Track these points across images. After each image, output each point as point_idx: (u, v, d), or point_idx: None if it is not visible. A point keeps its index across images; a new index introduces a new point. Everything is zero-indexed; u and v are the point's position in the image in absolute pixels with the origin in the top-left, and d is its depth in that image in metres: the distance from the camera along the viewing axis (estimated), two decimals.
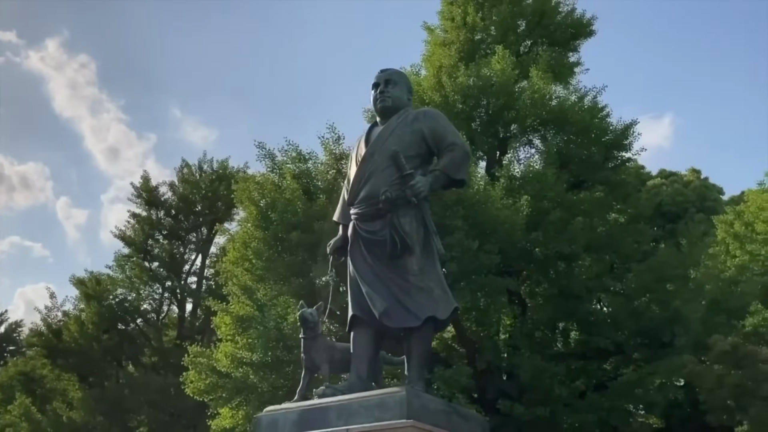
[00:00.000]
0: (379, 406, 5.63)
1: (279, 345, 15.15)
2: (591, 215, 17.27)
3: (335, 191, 16.73)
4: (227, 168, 34.06)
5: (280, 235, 15.96)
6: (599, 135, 19.33)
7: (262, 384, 15.32)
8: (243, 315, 15.61)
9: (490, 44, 21.97)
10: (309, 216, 15.58)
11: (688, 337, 16.36)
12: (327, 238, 15.20)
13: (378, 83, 6.75)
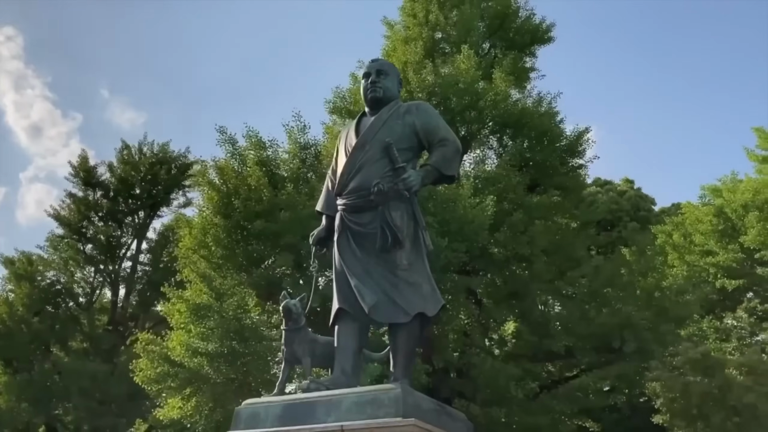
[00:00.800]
0: (371, 403, 5.44)
1: (236, 336, 14.79)
2: (547, 219, 17.60)
3: (300, 181, 16.50)
4: (167, 152, 33.23)
5: (242, 223, 15.57)
6: (554, 140, 19.72)
7: (216, 375, 14.95)
8: (200, 303, 15.15)
9: (452, 43, 22.17)
10: (274, 205, 15.26)
11: (636, 343, 16.84)
12: (292, 228, 15.16)
13: (369, 73, 6.64)
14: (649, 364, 16.41)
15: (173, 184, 32.80)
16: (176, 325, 16.00)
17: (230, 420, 15.30)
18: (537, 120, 19.25)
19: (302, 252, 15.33)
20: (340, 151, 6.64)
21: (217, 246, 15.66)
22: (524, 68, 22.26)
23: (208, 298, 15.20)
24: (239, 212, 15.57)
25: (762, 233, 21.60)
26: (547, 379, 18.04)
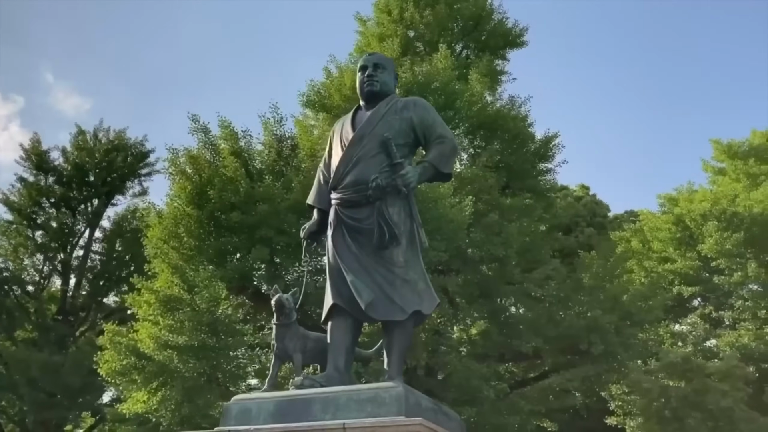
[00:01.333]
0: (372, 401, 5.35)
1: (207, 329, 14.46)
2: (519, 221, 17.75)
3: (276, 173, 16.23)
4: (124, 139, 32.39)
5: (216, 215, 15.23)
6: (524, 143, 19.95)
7: (186, 369, 14.58)
8: (171, 295, 14.74)
9: (426, 42, 22.19)
10: (250, 197, 14.97)
11: (603, 346, 17.13)
12: (268, 222, 14.90)
13: (366, 66, 6.58)
14: (614, 366, 16.75)
15: (129, 172, 32.03)
16: (143, 317, 15.55)
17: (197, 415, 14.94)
18: (510, 123, 19.44)
19: (279, 246, 15.14)
20: (334, 145, 6.54)
21: (190, 237, 15.28)
22: (496, 71, 22.46)
23: (179, 290, 14.80)
24: (214, 203, 15.22)
25: (719, 242, 22.28)
26: (510, 380, 18.19)
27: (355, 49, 23.03)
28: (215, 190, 15.18)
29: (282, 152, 16.63)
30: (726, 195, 23.21)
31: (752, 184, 23.97)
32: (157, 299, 14.96)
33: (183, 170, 15.98)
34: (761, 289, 22.02)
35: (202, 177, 15.73)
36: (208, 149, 16.79)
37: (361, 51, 22.27)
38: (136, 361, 14.89)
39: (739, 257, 22.33)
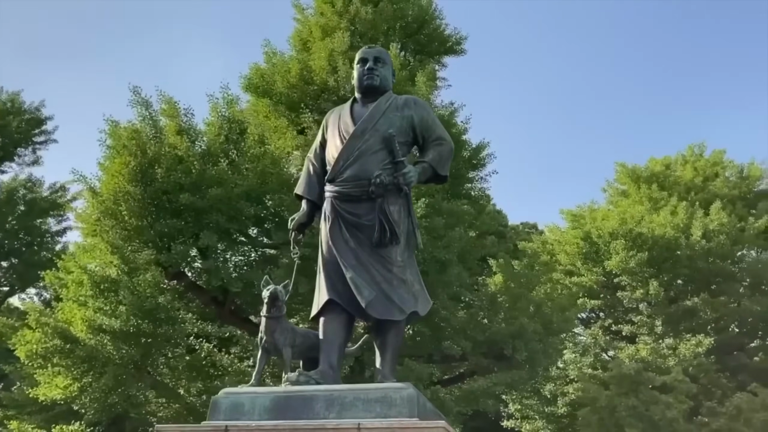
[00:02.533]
0: (381, 402, 5.27)
1: (145, 315, 13.67)
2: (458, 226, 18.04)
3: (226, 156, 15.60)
4: (18, 103, 30.15)
5: (163, 195, 14.44)
6: (459, 150, 20.32)
7: (119, 355, 13.73)
8: (107, 276, 13.81)
9: (368, 40, 22.06)
10: (203, 179, 14.31)
11: (527, 353, 17.75)
12: (220, 207, 14.31)
13: (366, 59, 6.53)
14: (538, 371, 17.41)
15: (22, 138, 29.80)
16: (68, 297, 14.49)
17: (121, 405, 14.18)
18: (450, 129, 19.73)
19: (231, 230, 14.61)
20: (329, 136, 6.44)
21: (131, 216, 14.40)
22: (435, 76, 22.68)
23: (117, 271, 13.90)
24: (162, 182, 14.42)
25: (624, 260, 23.67)
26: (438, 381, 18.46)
27: (293, 36, 22.58)
28: (163, 169, 14.38)
29: (229, 136, 16.01)
30: (633, 216, 24.69)
31: (653, 207, 25.63)
32: (90, 279, 13.98)
33: (125, 145, 15.00)
34: (659, 307, 23.60)
35: (146, 154, 14.85)
36: (147, 124, 15.89)
37: (302, 40, 21.88)
38: (62, 344, 13.85)
39: (641, 276, 23.82)
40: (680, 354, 21.18)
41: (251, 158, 15.44)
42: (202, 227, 14.40)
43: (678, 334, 22.40)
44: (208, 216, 14.29)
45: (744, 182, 27.36)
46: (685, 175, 27.57)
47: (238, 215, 14.24)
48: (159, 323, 13.83)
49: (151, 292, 13.40)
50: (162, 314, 13.63)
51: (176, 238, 14.61)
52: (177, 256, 14.14)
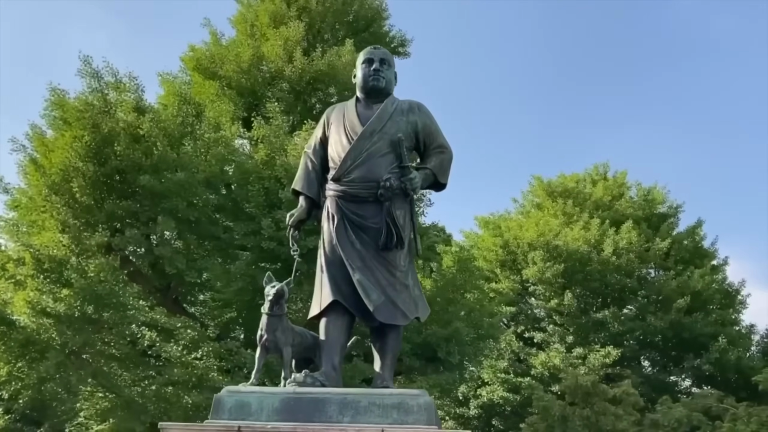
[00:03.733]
0: (398, 408, 5.26)
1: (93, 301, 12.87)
2: None
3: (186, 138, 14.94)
4: None
5: (119, 177, 13.63)
6: None
7: (61, 340, 12.83)
8: (56, 256, 12.85)
9: (317, 31, 21.77)
10: (166, 161, 13.62)
11: (460, 356, 18.13)
12: (180, 191, 13.70)
13: (372, 60, 6.49)
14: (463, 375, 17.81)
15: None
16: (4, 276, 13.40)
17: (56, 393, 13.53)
18: None
19: (191, 218, 14.01)
20: (332, 133, 6.39)
21: (82, 195, 13.49)
22: None
23: (67, 251, 12.97)
24: (118, 161, 13.60)
25: (542, 270, 24.66)
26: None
27: (237, 19, 21.89)
28: (122, 147, 13.56)
29: (186, 119, 15.32)
30: (551, 229, 25.76)
31: (567, 222, 26.84)
32: (32, 257, 12.97)
33: (78, 117, 14.01)
34: (571, 317, 24.77)
35: (100, 129, 13.94)
36: (96, 98, 14.94)
37: (247, 22, 21.22)
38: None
39: (555, 286, 24.92)
40: (589, 363, 22.35)
41: (208, 143, 14.88)
42: (159, 212, 13.72)
43: (587, 345, 23.60)
44: (167, 201, 13.62)
45: (648, 204, 29.16)
46: (595, 193, 29.05)
47: (197, 202, 13.67)
48: (107, 309, 13.04)
49: (105, 276, 12.60)
50: (113, 300, 12.85)
51: (129, 221, 13.83)
52: (131, 240, 13.38)
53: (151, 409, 13.95)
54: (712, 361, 23.31)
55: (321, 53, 18.55)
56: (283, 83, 18.42)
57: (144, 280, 15.00)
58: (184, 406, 14.06)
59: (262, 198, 13.94)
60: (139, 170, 13.67)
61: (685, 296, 24.01)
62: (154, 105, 15.50)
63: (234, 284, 13.67)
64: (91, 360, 13.81)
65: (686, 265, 26.65)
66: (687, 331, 23.80)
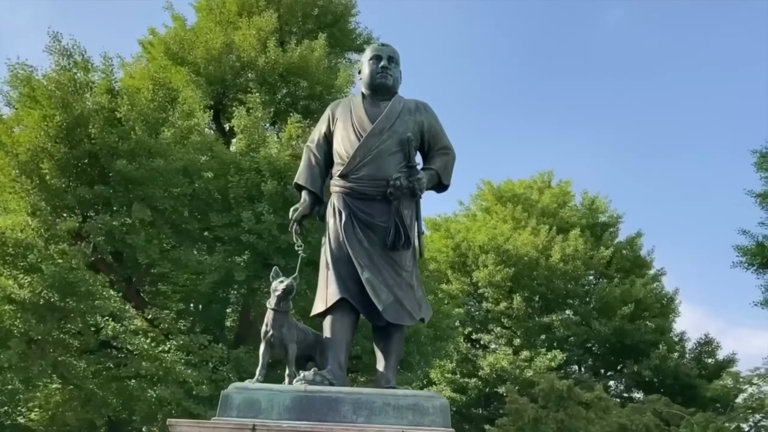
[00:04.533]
0: (413, 409, 5.28)
1: (61, 289, 12.30)
2: None
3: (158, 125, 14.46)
4: None
5: (92, 160, 13.06)
6: None
7: (24, 328, 12.21)
8: (22, 240, 12.18)
9: (282, 24, 21.46)
10: (143, 147, 13.13)
11: (420, 356, 18.23)
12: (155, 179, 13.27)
13: (380, 56, 6.47)
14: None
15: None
16: None
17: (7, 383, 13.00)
18: None
19: (166, 208, 13.57)
20: (338, 128, 6.36)
21: (52, 178, 12.86)
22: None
23: (35, 236, 12.34)
24: (92, 144, 13.03)
25: (492, 274, 25.06)
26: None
27: (201, 4, 21.36)
28: (96, 130, 13.00)
29: (162, 103, 14.83)
30: (502, 233, 26.23)
31: (516, 226, 27.38)
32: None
33: (50, 96, 13.36)
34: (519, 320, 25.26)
35: (72, 110, 13.32)
36: (67, 76, 14.28)
37: (212, 9, 20.77)
38: None
39: (504, 289, 25.37)
40: (535, 366, 22.87)
41: (182, 130, 14.46)
42: (133, 199, 13.23)
43: (533, 348, 24.14)
44: (142, 188, 13.15)
45: (591, 213, 30.06)
46: (542, 200, 29.73)
47: (175, 191, 13.25)
48: (75, 298, 12.49)
49: (77, 263, 12.06)
50: (81, 288, 12.31)
51: (98, 207, 13.29)
52: (102, 226, 12.85)
53: (113, 402, 13.48)
54: (651, 367, 24.21)
55: (295, 45, 18.31)
56: (250, 73, 18.12)
57: (107, 268, 14.45)
58: (149, 399, 13.65)
59: (242, 190, 13.64)
60: (113, 155, 13.14)
61: (629, 304, 24.86)
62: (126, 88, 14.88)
63: (209, 276, 13.32)
64: (53, 350, 13.19)
65: (626, 273, 27.62)
66: (629, 338, 24.65)
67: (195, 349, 13.73)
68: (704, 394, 23.94)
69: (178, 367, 13.31)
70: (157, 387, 13.38)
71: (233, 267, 13.34)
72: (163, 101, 14.74)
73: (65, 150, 13.05)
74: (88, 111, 13.33)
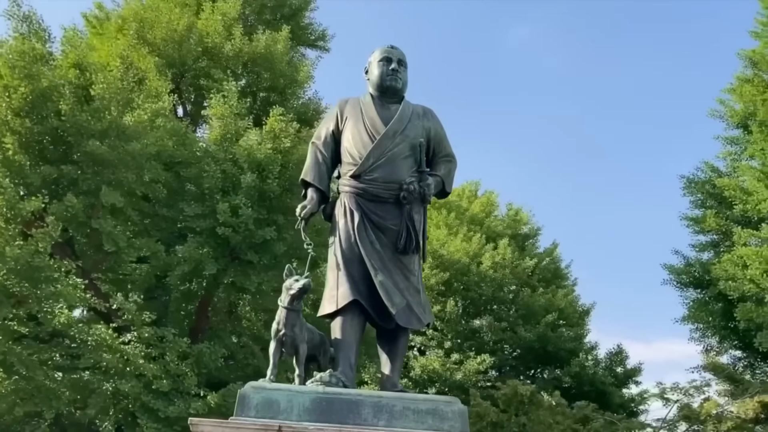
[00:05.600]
0: (433, 414, 5.37)
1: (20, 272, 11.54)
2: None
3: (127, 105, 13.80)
4: None
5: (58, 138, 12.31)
6: None
7: None
8: None
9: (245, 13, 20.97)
10: (117, 128, 12.51)
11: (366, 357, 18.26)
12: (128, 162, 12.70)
13: (390, 59, 6.49)
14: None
15: None
16: None
17: None
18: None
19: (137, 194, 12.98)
20: (348, 127, 6.35)
21: (15, 153, 12.04)
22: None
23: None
24: (62, 121, 12.28)
25: (428, 277, 25.38)
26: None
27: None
28: (67, 106, 12.26)
29: (129, 84, 14.17)
30: (438, 239, 26.63)
31: (450, 232, 27.86)
32: None
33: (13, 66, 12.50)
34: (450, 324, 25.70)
35: (38, 82, 12.51)
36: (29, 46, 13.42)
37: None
38: None
39: (439, 293, 25.75)
40: (465, 369, 23.37)
41: (149, 113, 13.87)
42: (101, 182, 12.58)
43: (463, 351, 24.66)
44: (114, 171, 12.53)
45: (515, 224, 31.04)
46: (471, 209, 30.42)
47: (148, 176, 12.70)
48: (35, 284, 11.75)
49: (44, 247, 11.35)
50: (46, 274, 11.60)
51: (63, 188, 12.55)
52: (70, 209, 12.14)
53: (66, 394, 12.77)
54: (572, 374, 25.28)
55: (263, 34, 17.94)
56: (212, 59, 17.61)
57: (63, 253, 13.67)
58: (104, 393, 13.04)
59: (218, 180, 13.22)
60: (83, 134, 12.44)
61: (553, 312, 25.85)
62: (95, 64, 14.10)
63: (179, 268, 12.85)
64: (1, 337, 12.35)
65: (548, 283, 28.70)
66: (551, 345, 25.62)
67: (156, 342, 13.22)
68: (615, 401, 25.33)
69: (138, 360, 12.80)
70: (114, 380, 12.81)
71: (204, 259, 12.93)
72: (131, 82, 14.10)
73: (30, 125, 12.25)
74: (55, 85, 12.56)
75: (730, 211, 18.55)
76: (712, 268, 17.99)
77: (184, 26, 17.42)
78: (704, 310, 19.51)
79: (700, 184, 20.86)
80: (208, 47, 17.26)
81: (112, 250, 12.61)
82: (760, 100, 18.37)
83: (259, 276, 13.66)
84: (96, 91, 12.61)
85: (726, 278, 16.96)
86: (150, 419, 12.96)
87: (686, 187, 21.16)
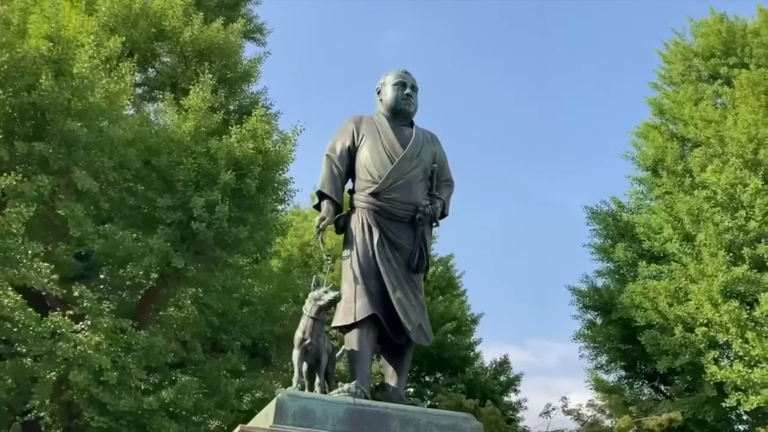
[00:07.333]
0: (453, 429, 5.69)
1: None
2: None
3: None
4: None
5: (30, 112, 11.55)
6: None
7: None
8: None
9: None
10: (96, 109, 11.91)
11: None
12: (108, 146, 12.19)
13: (405, 84, 6.78)
14: None
15: None
16: None
17: None
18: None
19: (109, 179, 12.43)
20: (364, 144, 6.61)
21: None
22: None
23: None
24: (42, 96, 11.53)
25: None
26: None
27: None
28: (48, 82, 11.55)
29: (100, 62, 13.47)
30: None
31: None
32: None
33: None
34: None
35: (13, 51, 11.69)
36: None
37: None
38: None
39: None
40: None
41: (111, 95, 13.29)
42: (72, 163, 11.96)
43: None
44: (87, 153, 11.95)
45: None
46: None
47: (122, 164, 12.22)
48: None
49: (17, 228, 10.69)
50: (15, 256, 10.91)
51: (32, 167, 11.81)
52: (41, 188, 11.44)
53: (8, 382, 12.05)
54: (466, 381, 26.49)
55: (223, 24, 17.54)
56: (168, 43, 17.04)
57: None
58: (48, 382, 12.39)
59: (193, 174, 12.93)
60: (60, 112, 11.77)
61: (451, 321, 26.92)
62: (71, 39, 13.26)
63: (146, 259, 12.46)
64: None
65: (442, 291, 29.78)
66: (447, 352, 26.69)
67: (108, 333, 12.73)
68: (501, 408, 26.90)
69: (90, 351, 12.29)
70: (61, 369, 12.22)
71: (170, 253, 12.63)
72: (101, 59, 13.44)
73: (3, 97, 11.44)
74: (31, 57, 11.80)
75: (637, 244, 20.32)
76: (618, 295, 19.66)
77: (140, 4, 16.72)
78: (601, 332, 21.25)
79: (602, 216, 22.72)
80: (165, 30, 16.64)
81: (77, 234, 12.02)
82: (669, 148, 20.28)
83: (223, 273, 13.51)
84: (78, 69, 11.95)
85: (632, 306, 18.62)
86: (96, 412, 12.48)
87: (590, 216, 22.94)
